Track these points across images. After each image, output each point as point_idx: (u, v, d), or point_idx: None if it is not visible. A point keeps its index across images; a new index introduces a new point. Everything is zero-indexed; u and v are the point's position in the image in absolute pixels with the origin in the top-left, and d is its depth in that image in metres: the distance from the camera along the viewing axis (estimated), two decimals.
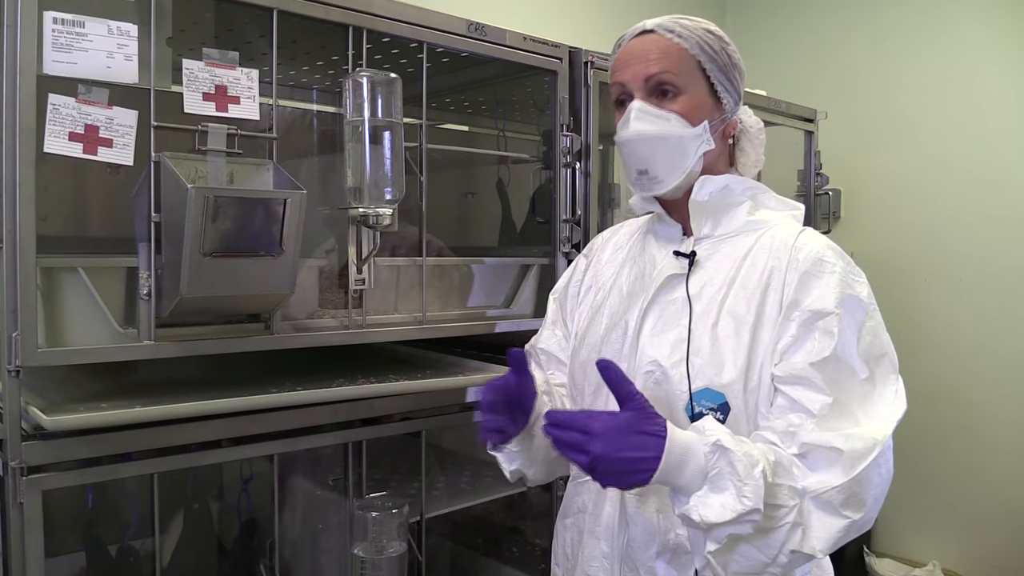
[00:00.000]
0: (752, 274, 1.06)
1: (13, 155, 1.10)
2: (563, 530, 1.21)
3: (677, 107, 1.08)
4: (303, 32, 1.48)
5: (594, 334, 1.16)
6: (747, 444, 0.93)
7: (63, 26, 1.12)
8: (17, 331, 1.11)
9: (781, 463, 0.93)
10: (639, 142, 1.09)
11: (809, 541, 0.92)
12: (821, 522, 0.93)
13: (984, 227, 2.80)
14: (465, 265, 1.74)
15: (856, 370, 0.99)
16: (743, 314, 1.04)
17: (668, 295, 1.10)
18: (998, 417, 2.79)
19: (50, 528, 1.17)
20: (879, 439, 0.95)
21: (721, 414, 1.01)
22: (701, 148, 1.09)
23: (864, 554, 2.97)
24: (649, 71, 1.08)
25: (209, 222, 1.14)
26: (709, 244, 1.11)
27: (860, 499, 0.93)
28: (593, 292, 1.23)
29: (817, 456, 0.94)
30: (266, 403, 1.35)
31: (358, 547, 1.43)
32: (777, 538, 0.91)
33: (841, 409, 0.97)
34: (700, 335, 1.04)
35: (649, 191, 1.12)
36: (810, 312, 1.00)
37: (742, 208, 1.12)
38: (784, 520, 0.91)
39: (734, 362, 1.02)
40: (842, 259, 1.05)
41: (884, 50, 3.03)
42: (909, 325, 2.92)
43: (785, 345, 1.01)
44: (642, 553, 1.06)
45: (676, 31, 1.09)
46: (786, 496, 0.91)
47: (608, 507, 1.11)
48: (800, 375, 0.98)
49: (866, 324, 1.01)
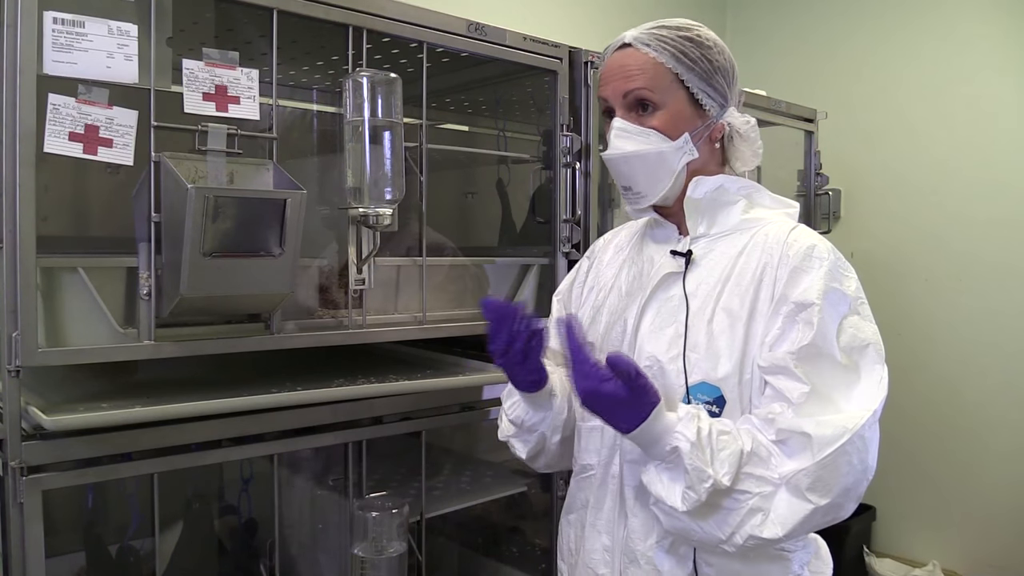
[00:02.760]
0: (746, 271, 1.08)
1: (13, 155, 1.10)
2: (567, 526, 1.23)
3: (656, 122, 1.10)
4: (303, 32, 1.48)
5: (595, 332, 1.18)
6: (709, 449, 0.95)
7: (63, 26, 1.12)
8: (17, 331, 1.11)
9: (757, 453, 0.97)
10: (620, 161, 1.12)
11: (770, 526, 0.95)
12: (786, 504, 0.95)
13: (984, 227, 2.80)
14: (465, 265, 1.74)
15: (836, 358, 1.00)
16: (737, 310, 1.06)
17: (665, 293, 1.12)
18: (998, 417, 2.79)
19: (50, 528, 1.17)
20: (849, 427, 0.95)
21: (717, 406, 1.03)
22: (683, 159, 1.11)
23: (864, 554, 2.97)
24: (626, 87, 1.10)
25: (209, 222, 1.14)
26: (705, 243, 1.13)
27: (827, 485, 0.94)
28: (595, 292, 1.25)
29: (792, 443, 0.97)
30: (266, 403, 1.35)
31: (358, 547, 1.43)
32: (734, 519, 0.95)
33: (820, 398, 0.98)
34: (696, 331, 1.06)
35: (636, 205, 1.15)
36: (795, 304, 1.02)
37: (737, 207, 1.13)
38: (745, 504, 0.95)
39: (729, 356, 1.04)
40: (832, 254, 1.06)
41: (884, 50, 3.03)
42: (909, 325, 2.93)
43: (772, 337, 1.03)
44: (641, 544, 1.08)
45: (652, 44, 1.10)
46: (753, 484, 0.96)
47: (609, 501, 1.13)
48: (781, 364, 1.00)
49: (849, 317, 1.02)
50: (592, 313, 1.22)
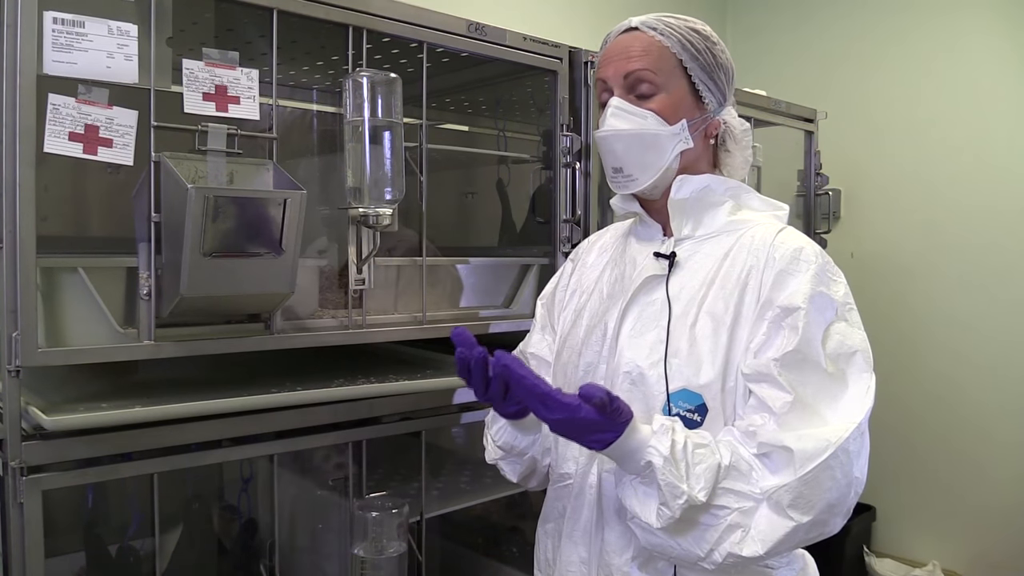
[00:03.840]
0: (731, 274, 1.05)
1: (13, 155, 1.10)
2: (544, 536, 1.19)
3: (654, 105, 1.08)
4: (303, 32, 1.48)
5: (575, 336, 1.16)
6: (684, 463, 0.91)
7: (63, 26, 1.12)
8: (17, 331, 1.11)
9: (737, 467, 0.94)
10: (614, 139, 1.09)
11: (750, 543, 0.92)
12: (767, 521, 0.92)
13: (984, 227, 2.80)
14: (465, 265, 1.74)
15: (821, 366, 0.97)
16: (721, 314, 1.03)
17: (647, 296, 1.09)
18: (998, 417, 2.79)
19: (50, 528, 1.17)
20: (833, 441, 0.92)
21: (699, 415, 1.00)
22: (678, 147, 1.08)
23: (864, 554, 2.97)
24: (628, 68, 1.08)
25: (209, 222, 1.14)
26: (690, 245, 1.10)
27: (809, 501, 0.91)
28: (578, 295, 1.22)
29: (775, 457, 0.94)
30: (266, 403, 1.35)
31: (358, 547, 1.43)
32: (711, 536, 0.92)
33: (805, 408, 0.95)
34: (678, 336, 1.03)
35: (624, 189, 1.12)
36: (780, 309, 0.99)
37: (723, 208, 1.11)
38: (723, 520, 0.92)
39: (712, 363, 1.01)
40: (820, 257, 1.03)
41: (884, 50, 3.03)
42: (908, 325, 2.93)
43: (758, 344, 1.00)
44: (618, 558, 1.05)
45: (659, 28, 1.08)
46: (732, 499, 0.92)
47: (586, 511, 1.09)
48: (764, 372, 0.97)
49: (835, 324, 0.99)
50: (573, 316, 1.19)
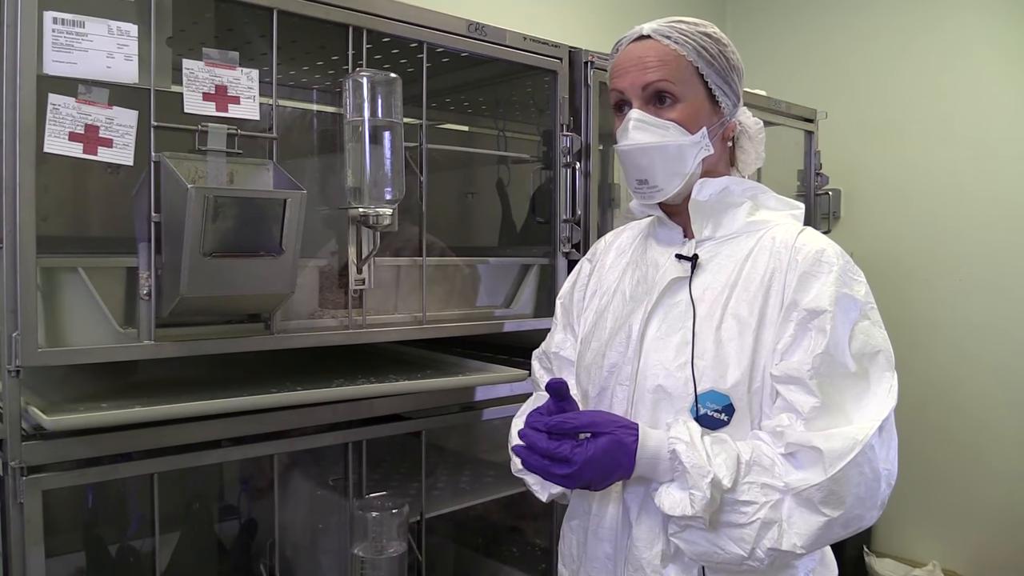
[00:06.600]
0: (754, 276, 1.07)
1: (13, 155, 1.10)
2: (569, 532, 1.22)
3: (675, 115, 1.08)
4: (303, 32, 1.48)
5: (598, 339, 1.17)
6: (704, 451, 0.97)
7: (63, 26, 1.12)
8: (17, 331, 1.11)
9: (759, 462, 0.97)
10: (638, 153, 1.10)
11: (789, 538, 0.95)
12: (802, 518, 0.96)
13: (984, 227, 2.80)
14: (465, 265, 1.74)
15: (848, 367, 0.99)
16: (746, 316, 1.04)
17: (671, 298, 1.10)
18: (998, 417, 2.79)
19: (50, 528, 1.17)
20: (859, 439, 0.96)
21: (726, 415, 1.02)
22: (700, 154, 1.10)
23: (864, 554, 2.97)
24: (646, 79, 1.08)
25: (209, 222, 1.14)
26: (711, 246, 1.12)
27: (839, 497, 0.95)
28: (598, 296, 1.23)
29: (802, 456, 0.97)
30: (266, 403, 1.35)
31: (358, 547, 1.43)
32: (749, 533, 0.95)
33: (831, 408, 0.98)
34: (704, 338, 1.05)
35: (650, 199, 1.13)
36: (806, 311, 1.01)
37: (742, 209, 1.12)
38: (755, 516, 0.95)
39: (738, 364, 1.03)
40: (841, 258, 1.05)
41: (884, 50, 3.03)
42: (909, 325, 2.92)
43: (784, 345, 1.02)
44: (647, 552, 1.07)
45: (673, 37, 1.09)
46: (757, 493, 0.96)
47: (611, 508, 1.11)
48: (794, 375, 1.00)
49: (860, 323, 1.02)
50: (595, 318, 1.21)
